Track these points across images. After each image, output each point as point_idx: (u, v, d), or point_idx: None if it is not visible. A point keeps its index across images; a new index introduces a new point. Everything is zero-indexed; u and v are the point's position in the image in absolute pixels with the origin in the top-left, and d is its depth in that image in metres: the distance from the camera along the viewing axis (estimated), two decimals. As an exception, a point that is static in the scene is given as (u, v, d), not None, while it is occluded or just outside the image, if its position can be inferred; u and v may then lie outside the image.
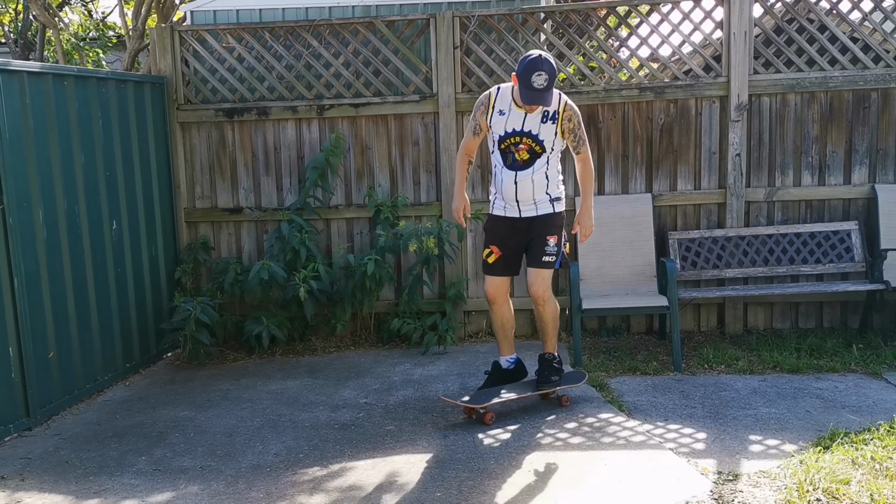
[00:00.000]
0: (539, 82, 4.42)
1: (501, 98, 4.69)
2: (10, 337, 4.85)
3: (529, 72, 4.42)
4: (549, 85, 4.45)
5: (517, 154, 4.67)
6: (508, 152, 4.69)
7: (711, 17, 6.34)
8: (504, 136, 4.67)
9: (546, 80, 4.42)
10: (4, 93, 4.82)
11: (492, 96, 4.73)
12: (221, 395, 5.52)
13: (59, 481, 4.19)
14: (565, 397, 4.99)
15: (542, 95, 4.47)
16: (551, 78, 4.43)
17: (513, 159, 4.69)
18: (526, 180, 4.69)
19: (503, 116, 4.66)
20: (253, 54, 6.69)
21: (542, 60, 4.43)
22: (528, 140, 4.64)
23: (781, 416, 4.66)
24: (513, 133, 4.65)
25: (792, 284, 6.26)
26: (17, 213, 4.90)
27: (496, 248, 4.87)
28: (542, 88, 4.44)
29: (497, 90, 4.73)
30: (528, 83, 4.43)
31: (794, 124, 6.35)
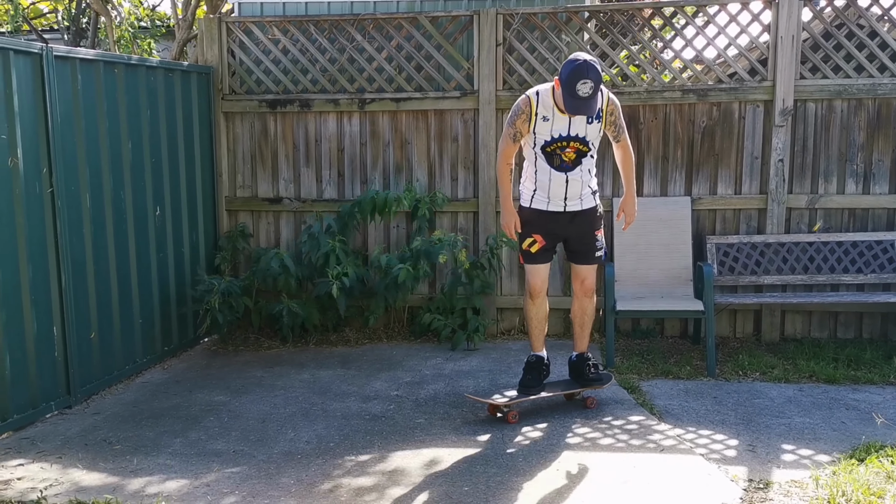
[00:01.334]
0: (584, 90, 4.27)
1: (543, 104, 4.54)
2: (54, 317, 4.98)
3: (574, 79, 4.26)
4: (595, 92, 4.30)
5: (564, 156, 4.60)
6: (555, 155, 4.60)
7: (759, 20, 6.26)
8: (550, 141, 4.57)
9: (591, 88, 4.27)
10: (57, 79, 4.95)
11: (532, 103, 4.56)
12: (256, 382, 5.61)
13: (97, 459, 4.31)
14: (591, 399, 4.98)
15: (588, 104, 4.33)
16: (597, 85, 4.28)
17: (560, 160, 4.60)
18: (576, 180, 4.64)
19: (547, 122, 4.54)
20: (297, 47, 6.77)
21: (587, 67, 4.26)
22: (575, 143, 4.57)
23: (816, 426, 4.60)
24: (559, 139, 4.56)
25: (832, 293, 6.17)
26: (65, 197, 5.03)
27: (540, 236, 4.77)
28: (587, 97, 4.29)
29: (536, 95, 4.57)
30: (573, 91, 4.28)
31: (840, 131, 6.25)
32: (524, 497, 3.76)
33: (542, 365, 4.93)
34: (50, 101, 4.88)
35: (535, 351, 4.96)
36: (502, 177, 4.82)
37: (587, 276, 4.87)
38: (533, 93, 4.61)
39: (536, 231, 4.78)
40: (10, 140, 4.60)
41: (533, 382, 4.87)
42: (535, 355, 4.93)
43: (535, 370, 4.90)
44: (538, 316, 4.91)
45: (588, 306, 4.94)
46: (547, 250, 4.84)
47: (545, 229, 4.77)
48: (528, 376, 4.90)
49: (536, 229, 4.78)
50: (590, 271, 4.88)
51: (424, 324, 6.47)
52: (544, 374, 4.96)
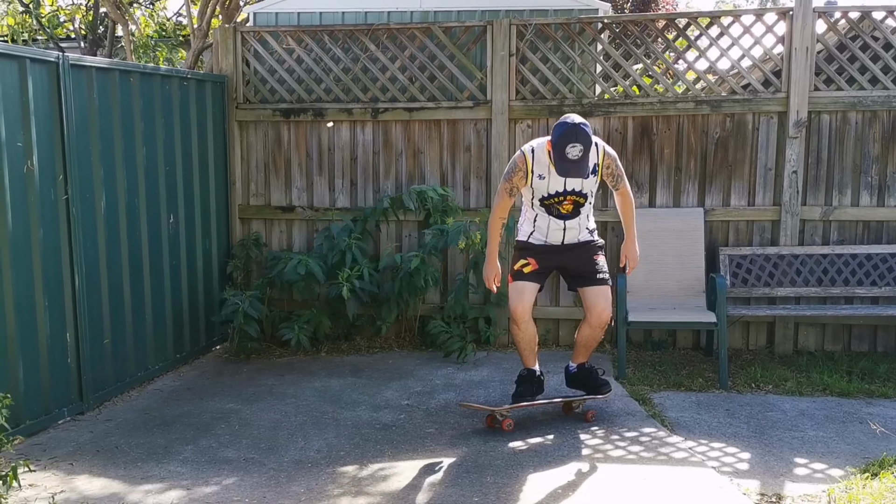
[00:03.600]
0: (573, 154, 4.34)
1: (538, 162, 4.58)
2: (67, 323, 5.01)
3: (563, 143, 4.34)
4: (585, 154, 4.36)
5: (562, 208, 4.66)
6: (553, 207, 4.67)
7: (773, 32, 6.24)
8: (547, 197, 4.64)
9: (581, 151, 4.33)
10: (73, 87, 5.00)
11: (528, 161, 4.59)
12: (267, 390, 5.62)
13: (108, 465, 4.32)
14: (591, 412, 4.93)
15: (577, 166, 4.39)
16: (586, 147, 4.35)
17: (558, 212, 4.67)
18: (574, 226, 4.72)
19: (543, 180, 4.59)
20: (311, 56, 6.81)
21: (576, 130, 4.32)
22: (571, 196, 4.62)
23: (829, 440, 4.56)
24: (556, 194, 4.62)
25: (846, 306, 6.13)
26: (80, 204, 5.07)
27: (534, 260, 4.76)
28: (577, 159, 4.36)
29: (531, 153, 4.60)
30: (563, 154, 4.36)
31: (854, 143, 6.22)
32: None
33: (535, 377, 4.91)
34: (66, 109, 4.92)
35: (527, 366, 4.93)
36: (493, 231, 4.84)
37: (604, 305, 4.74)
38: (528, 149, 4.64)
39: (531, 256, 4.79)
40: (26, 147, 4.65)
41: (526, 392, 4.86)
42: (527, 369, 4.93)
43: (527, 382, 4.90)
44: (525, 339, 4.83)
45: (599, 336, 4.87)
46: (539, 273, 4.81)
47: (540, 255, 4.79)
48: (520, 388, 4.89)
49: (531, 254, 4.79)
50: (604, 298, 4.75)
51: (434, 333, 6.46)
52: (537, 386, 4.91)
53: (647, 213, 6.33)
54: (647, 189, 6.46)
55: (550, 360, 6.00)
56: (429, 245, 6.32)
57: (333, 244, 6.45)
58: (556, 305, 6.63)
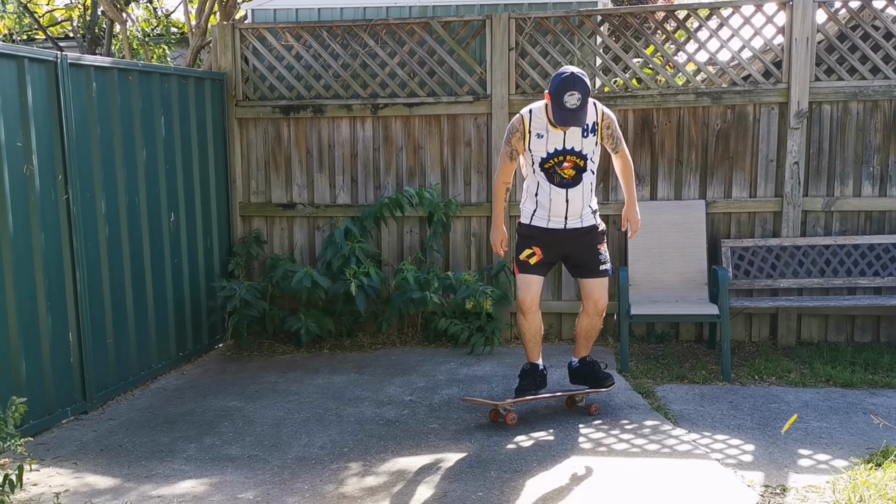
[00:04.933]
0: (571, 102, 4.32)
1: (535, 120, 4.57)
2: (70, 323, 5.01)
3: (561, 91, 4.32)
4: (583, 104, 4.35)
5: (563, 172, 4.60)
6: (553, 172, 4.61)
7: (773, 22, 6.22)
8: (546, 157, 4.59)
9: (579, 99, 4.32)
10: (72, 86, 4.99)
11: (525, 120, 4.60)
12: (270, 387, 5.62)
13: (112, 464, 4.33)
14: (595, 405, 4.93)
15: (576, 115, 4.37)
16: (584, 96, 4.33)
17: (560, 178, 4.61)
18: (577, 197, 4.65)
19: (542, 139, 4.57)
20: (310, 52, 6.80)
21: (574, 79, 4.32)
22: (571, 157, 4.58)
23: (833, 431, 4.56)
24: (555, 153, 4.57)
25: (848, 297, 6.12)
26: (80, 203, 5.06)
27: (539, 249, 4.75)
28: (576, 108, 4.34)
29: (529, 112, 4.61)
30: (561, 103, 4.34)
31: (856, 133, 6.20)
32: (538, 502, 3.74)
33: (538, 371, 4.92)
34: (65, 109, 4.91)
35: (531, 360, 4.93)
36: (497, 194, 4.87)
37: (600, 294, 4.81)
38: (526, 111, 4.64)
39: (536, 244, 4.76)
40: (26, 147, 4.64)
41: (529, 386, 4.86)
42: (531, 363, 4.92)
43: (530, 376, 4.90)
44: (531, 330, 4.85)
45: (597, 324, 4.90)
46: (544, 264, 4.81)
47: (544, 243, 4.76)
48: (524, 382, 4.89)
49: (536, 242, 4.76)
50: (601, 288, 4.81)
51: (441, 329, 6.46)
52: (540, 381, 4.93)
53: (649, 205, 6.31)
54: (648, 182, 6.45)
55: (553, 353, 6.00)
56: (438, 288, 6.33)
57: (338, 250, 6.42)
58: (559, 300, 6.63)
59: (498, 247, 4.90)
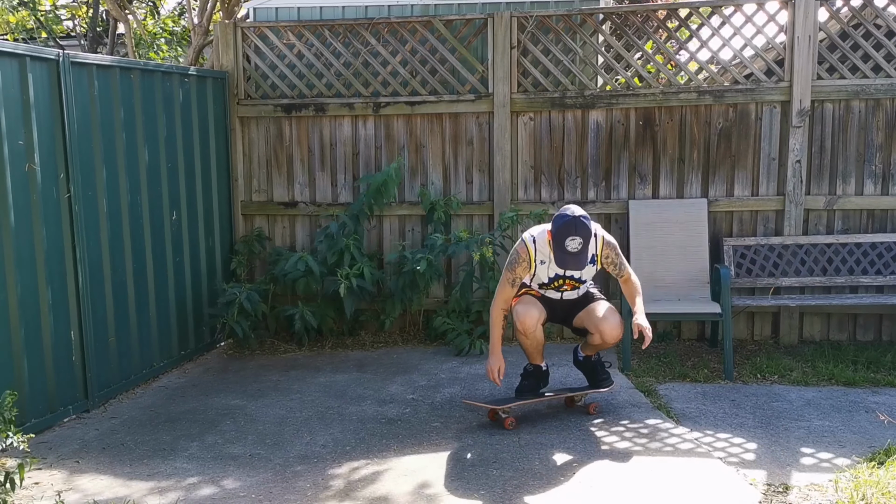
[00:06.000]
0: (573, 246, 4.39)
1: (540, 251, 4.64)
2: (72, 321, 5.01)
3: (563, 235, 4.38)
4: (584, 248, 4.41)
5: (561, 290, 4.77)
6: (550, 288, 4.77)
7: (775, 21, 6.21)
8: (548, 281, 4.71)
9: (580, 244, 4.39)
10: (74, 84, 4.99)
11: (531, 252, 4.63)
12: (272, 386, 5.62)
13: (114, 462, 4.33)
14: (594, 405, 4.92)
15: (577, 258, 4.44)
16: (585, 241, 4.40)
17: (558, 291, 4.79)
18: (572, 296, 4.83)
19: (545, 265, 4.66)
20: (312, 51, 6.79)
21: (576, 223, 4.36)
22: (571, 281, 4.70)
23: (835, 430, 4.56)
24: (556, 278, 4.69)
25: (851, 296, 6.11)
26: (82, 202, 5.07)
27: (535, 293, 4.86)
28: (577, 252, 4.41)
29: (533, 242, 4.63)
30: (562, 247, 4.41)
31: (858, 131, 6.20)
32: (541, 501, 3.74)
33: (541, 372, 4.94)
34: (67, 107, 4.91)
35: (534, 363, 4.95)
36: (495, 321, 4.79)
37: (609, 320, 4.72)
38: (529, 239, 4.65)
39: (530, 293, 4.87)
40: (28, 146, 4.64)
41: (530, 387, 4.90)
42: (533, 365, 4.95)
43: (532, 377, 4.93)
44: (533, 344, 4.83)
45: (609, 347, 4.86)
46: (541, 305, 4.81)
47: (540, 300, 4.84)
48: (525, 382, 4.92)
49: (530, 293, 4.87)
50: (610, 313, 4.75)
51: (438, 329, 6.46)
52: (543, 381, 4.96)
53: (651, 204, 6.32)
54: (650, 180, 6.44)
55: (555, 352, 6.00)
56: (438, 250, 6.29)
57: (333, 243, 6.42)
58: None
59: (495, 375, 4.75)
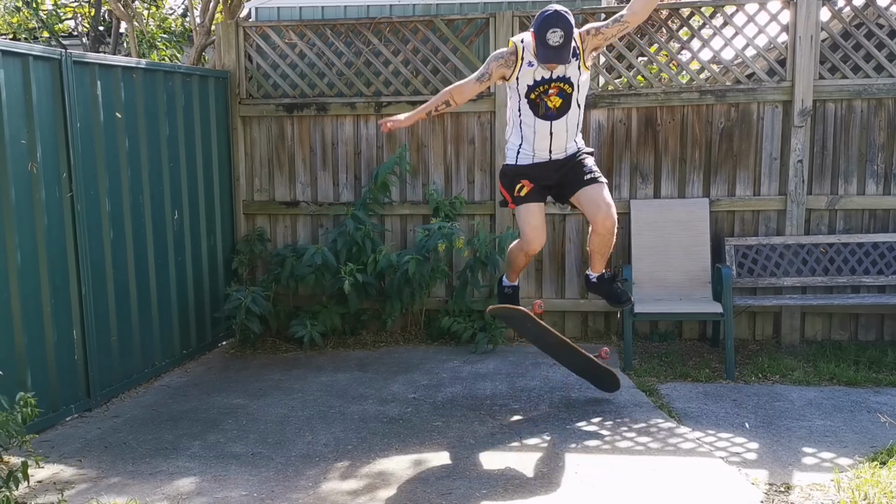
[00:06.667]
0: (554, 39, 4.24)
1: (528, 49, 4.47)
2: (74, 320, 5.02)
3: (544, 29, 4.24)
4: (566, 41, 4.26)
5: (549, 101, 4.49)
6: (539, 102, 4.50)
7: (777, 21, 6.21)
8: (533, 85, 4.47)
9: (562, 37, 4.23)
10: (76, 84, 5.00)
11: (518, 49, 4.48)
12: (273, 385, 5.63)
13: (117, 461, 4.33)
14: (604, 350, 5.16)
15: (559, 53, 4.28)
16: (568, 34, 4.25)
17: (545, 108, 4.50)
18: (561, 129, 4.54)
19: (532, 67, 4.46)
20: (314, 51, 6.80)
21: (556, 16, 4.24)
22: (557, 84, 4.46)
23: (837, 429, 4.56)
24: (542, 81, 4.46)
25: (852, 295, 6.11)
26: (84, 201, 5.07)
27: (527, 181, 4.64)
28: (559, 45, 4.25)
29: (521, 42, 4.50)
30: (544, 41, 4.25)
31: (860, 131, 6.19)
32: (542, 500, 3.75)
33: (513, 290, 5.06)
34: (69, 106, 4.92)
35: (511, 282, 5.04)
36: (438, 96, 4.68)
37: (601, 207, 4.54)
38: (518, 39, 4.54)
39: (523, 178, 4.65)
40: (30, 145, 4.65)
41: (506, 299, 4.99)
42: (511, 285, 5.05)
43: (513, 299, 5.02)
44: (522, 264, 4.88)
45: (610, 241, 4.67)
46: (537, 191, 4.69)
47: (532, 177, 4.65)
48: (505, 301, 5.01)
49: (523, 177, 4.66)
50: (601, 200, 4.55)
51: (444, 327, 6.46)
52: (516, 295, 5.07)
53: (652, 203, 6.32)
54: (651, 180, 6.44)
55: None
56: (420, 246, 6.28)
57: (349, 238, 6.39)
58: (562, 297, 6.62)
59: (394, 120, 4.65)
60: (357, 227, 6.38)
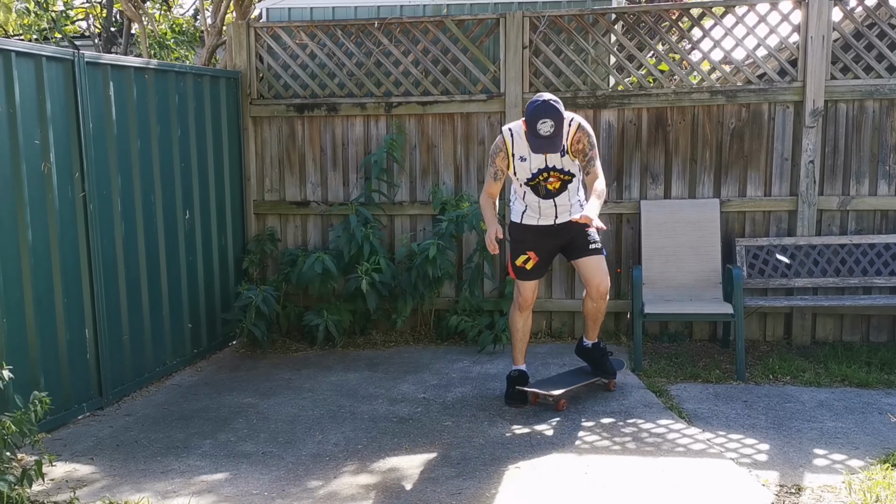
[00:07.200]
0: (544, 130, 4.38)
1: (517, 143, 4.64)
2: (86, 319, 5.05)
3: (535, 119, 4.38)
4: (557, 131, 4.39)
5: (549, 185, 4.72)
6: (539, 186, 4.73)
7: (788, 20, 6.19)
8: (532, 177, 4.70)
9: (552, 127, 4.37)
10: (89, 84, 5.03)
11: (507, 144, 4.67)
12: (284, 384, 5.64)
13: (128, 460, 4.36)
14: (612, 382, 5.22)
15: (551, 142, 4.42)
16: (558, 124, 4.38)
17: (546, 190, 4.73)
18: (564, 203, 4.79)
19: (525, 162, 4.66)
20: (325, 51, 6.81)
21: (545, 107, 4.36)
22: (555, 173, 4.67)
23: (848, 431, 4.54)
24: (538, 172, 4.67)
25: (864, 296, 6.08)
26: (97, 201, 5.10)
27: (533, 253, 4.88)
28: (549, 136, 4.40)
29: (510, 134, 4.66)
30: (535, 131, 4.41)
31: (872, 132, 6.16)
32: (551, 500, 3.75)
33: (525, 379, 5.12)
34: (81, 107, 4.95)
35: (517, 365, 5.17)
36: (486, 207, 4.89)
37: (599, 277, 4.85)
38: (507, 131, 4.70)
39: (530, 248, 4.87)
40: (43, 145, 4.68)
41: (518, 397, 5.05)
42: (517, 370, 5.15)
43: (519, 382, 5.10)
44: (524, 329, 5.11)
45: (602, 307, 5.01)
46: (540, 266, 4.95)
47: (538, 245, 4.87)
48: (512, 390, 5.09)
49: (530, 246, 4.88)
50: (597, 269, 4.84)
51: (451, 326, 6.48)
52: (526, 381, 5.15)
53: (663, 204, 6.30)
54: (662, 180, 6.43)
55: (566, 352, 6.03)
56: (446, 232, 6.32)
57: (351, 237, 6.44)
58: (572, 298, 6.61)
59: (493, 241, 4.70)
60: (359, 228, 6.41)
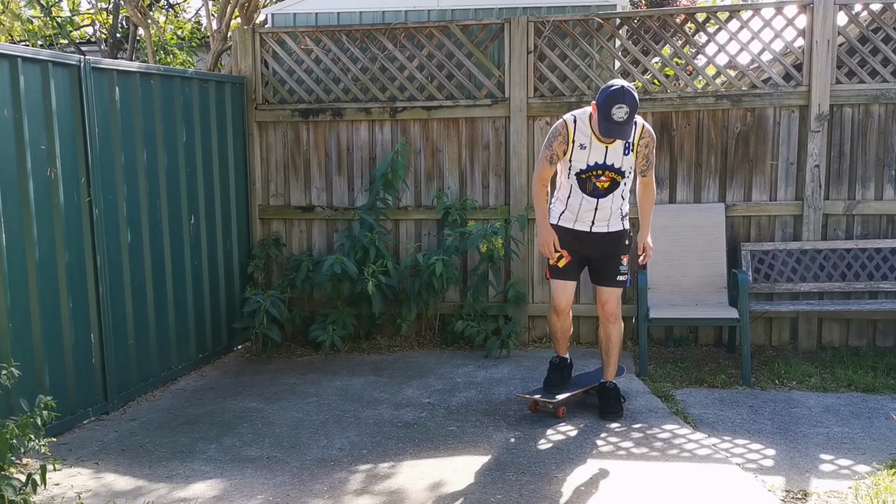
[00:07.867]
0: (619, 115, 4.28)
1: (580, 130, 4.55)
2: (92, 324, 5.06)
3: (610, 104, 4.28)
4: (630, 118, 4.32)
5: (598, 183, 4.62)
6: (588, 181, 4.63)
7: (794, 25, 6.18)
8: (586, 169, 4.60)
9: (627, 113, 4.28)
10: (95, 90, 5.04)
11: (570, 128, 4.56)
12: (288, 389, 5.65)
13: (133, 464, 4.36)
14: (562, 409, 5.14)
15: (623, 129, 4.34)
16: (632, 110, 4.30)
17: (593, 187, 4.63)
18: (606, 206, 4.68)
19: (584, 150, 4.55)
20: (330, 56, 6.83)
21: (623, 92, 4.28)
22: (610, 172, 4.59)
23: (855, 436, 4.52)
24: (595, 167, 4.58)
25: (870, 301, 6.06)
26: (102, 206, 5.12)
27: (566, 251, 4.79)
28: (623, 122, 4.31)
29: (574, 120, 4.58)
30: (608, 115, 4.30)
31: (878, 136, 6.15)
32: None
33: (566, 365, 5.15)
34: (87, 112, 4.97)
35: (560, 354, 5.17)
36: (538, 198, 4.80)
37: (608, 299, 4.89)
38: (570, 118, 4.61)
39: (564, 246, 4.80)
40: (49, 150, 4.69)
41: (557, 381, 5.07)
42: (559, 356, 5.15)
43: (558, 370, 5.11)
44: (563, 328, 5.09)
45: (612, 332, 4.93)
46: (574, 268, 4.88)
47: (572, 246, 4.81)
48: (552, 375, 5.10)
49: (564, 245, 4.80)
50: (610, 294, 4.89)
51: (457, 331, 6.47)
52: (567, 374, 5.16)
53: (668, 208, 6.30)
54: (667, 185, 6.42)
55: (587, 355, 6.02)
56: (450, 247, 6.32)
57: (355, 242, 6.44)
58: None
59: (550, 248, 4.72)
60: (364, 233, 6.41)
